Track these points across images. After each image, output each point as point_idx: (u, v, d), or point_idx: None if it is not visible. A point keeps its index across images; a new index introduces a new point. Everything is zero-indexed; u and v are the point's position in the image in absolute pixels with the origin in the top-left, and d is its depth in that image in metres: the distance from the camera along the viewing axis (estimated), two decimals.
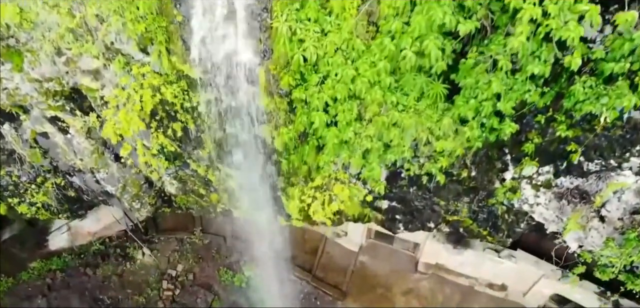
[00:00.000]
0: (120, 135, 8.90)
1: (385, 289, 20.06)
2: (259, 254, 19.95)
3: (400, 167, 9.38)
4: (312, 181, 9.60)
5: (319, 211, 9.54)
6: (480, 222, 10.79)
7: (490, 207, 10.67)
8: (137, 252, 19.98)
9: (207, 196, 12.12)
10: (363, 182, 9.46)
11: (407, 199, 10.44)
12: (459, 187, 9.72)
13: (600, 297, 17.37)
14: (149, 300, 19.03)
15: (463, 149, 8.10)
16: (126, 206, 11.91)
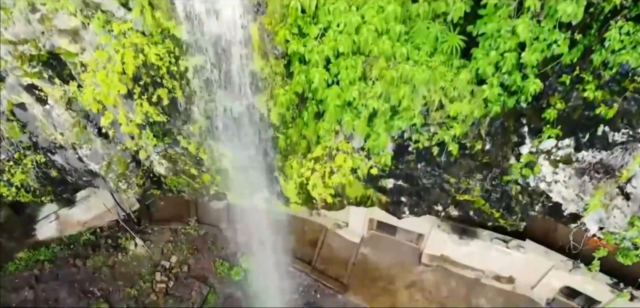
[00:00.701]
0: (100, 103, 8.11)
1: (387, 282, 19.27)
2: (256, 245, 19.17)
3: (407, 140, 8.58)
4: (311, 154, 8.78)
5: (319, 185, 8.73)
6: (493, 202, 9.98)
7: (504, 185, 9.87)
8: (129, 243, 19.16)
9: (199, 177, 11.32)
10: (367, 154, 8.65)
11: (415, 177, 9.64)
12: (471, 162, 8.92)
13: (613, 289, 16.59)
14: (141, 292, 18.22)
15: (481, 110, 7.28)
16: (112, 186, 11.10)
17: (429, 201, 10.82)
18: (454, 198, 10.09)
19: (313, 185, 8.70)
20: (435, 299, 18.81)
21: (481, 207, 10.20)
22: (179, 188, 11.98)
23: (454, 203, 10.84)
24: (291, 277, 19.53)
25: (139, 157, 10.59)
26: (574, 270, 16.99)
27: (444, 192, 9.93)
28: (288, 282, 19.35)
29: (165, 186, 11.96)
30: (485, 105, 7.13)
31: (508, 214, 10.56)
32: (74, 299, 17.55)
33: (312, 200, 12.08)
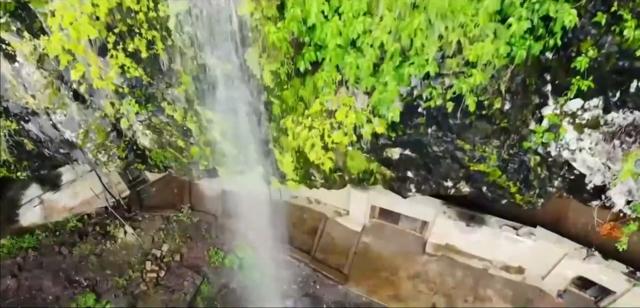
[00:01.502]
0: (70, 53, 7.18)
1: (390, 272, 18.32)
2: (253, 234, 18.25)
3: (417, 98, 7.64)
4: (309, 110, 7.81)
5: (318, 145, 7.78)
6: (511, 173, 9.03)
7: (522, 154, 8.91)
8: (118, 231, 18.21)
9: (187, 150, 10.39)
10: (372, 111, 7.69)
11: (424, 144, 8.68)
12: (488, 125, 7.97)
13: (629, 278, 15.64)
14: (130, 282, 17.26)
15: (502, 60, 6.35)
16: (90, 158, 10.17)
17: (439, 175, 9.87)
18: (467, 169, 9.13)
19: (311, 145, 7.74)
20: (441, 290, 17.86)
21: (497, 180, 9.24)
22: (166, 163, 11.04)
23: (465, 177, 9.88)
24: (289, 266, 18.59)
25: (120, 126, 9.65)
26: (588, 259, 16.04)
27: (456, 163, 8.97)
28: (286, 272, 18.41)
29: (151, 161, 11.01)
30: (510, 49, 6.17)
31: (526, 189, 9.60)
32: (58, 288, 16.60)
33: (311, 177, 11.15)
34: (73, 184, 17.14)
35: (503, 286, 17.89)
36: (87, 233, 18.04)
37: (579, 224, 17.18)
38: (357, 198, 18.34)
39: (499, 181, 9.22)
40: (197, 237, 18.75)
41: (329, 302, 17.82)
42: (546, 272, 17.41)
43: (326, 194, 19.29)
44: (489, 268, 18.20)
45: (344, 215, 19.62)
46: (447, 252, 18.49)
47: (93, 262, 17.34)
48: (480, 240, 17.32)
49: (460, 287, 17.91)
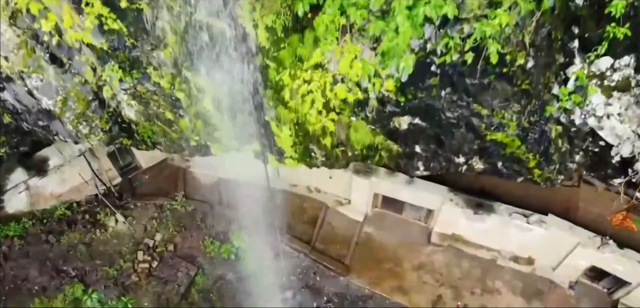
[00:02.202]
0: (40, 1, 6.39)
1: (394, 263, 17.51)
2: (250, 223, 17.44)
3: (430, 54, 6.82)
4: (309, 62, 6.97)
5: (318, 102, 6.96)
6: (530, 144, 8.23)
7: (543, 123, 8.12)
8: (109, 219, 17.38)
9: (176, 123, 9.58)
10: (381, 63, 6.84)
11: (436, 110, 7.87)
12: (508, 87, 7.17)
13: None
14: (121, 272, 16.44)
15: (529, 5, 5.56)
16: (70, 130, 9.35)
17: (450, 149, 9.06)
18: (482, 140, 8.32)
19: (311, 103, 6.92)
20: (447, 282, 17.05)
21: (515, 152, 8.42)
22: (154, 139, 10.22)
23: (479, 151, 9.07)
24: (288, 257, 17.78)
25: (102, 95, 8.83)
26: (603, 247, 15.23)
27: (471, 132, 8.16)
28: (285, 262, 17.59)
29: (138, 136, 10.19)
30: None
31: (545, 163, 8.79)
32: (45, 278, 15.79)
33: (311, 154, 10.33)
34: (61, 170, 16.31)
35: (512, 277, 17.09)
36: (75, 221, 17.21)
37: (590, 214, 16.40)
38: (358, 186, 17.53)
39: (518, 153, 8.41)
40: (192, 226, 17.93)
41: (329, 294, 17.02)
42: (557, 262, 16.62)
43: (327, 183, 18.51)
44: (497, 259, 17.40)
45: (345, 204, 18.82)
46: (453, 242, 17.69)
47: (82, 251, 16.51)
48: (489, 229, 16.52)
49: (467, 278, 17.11)
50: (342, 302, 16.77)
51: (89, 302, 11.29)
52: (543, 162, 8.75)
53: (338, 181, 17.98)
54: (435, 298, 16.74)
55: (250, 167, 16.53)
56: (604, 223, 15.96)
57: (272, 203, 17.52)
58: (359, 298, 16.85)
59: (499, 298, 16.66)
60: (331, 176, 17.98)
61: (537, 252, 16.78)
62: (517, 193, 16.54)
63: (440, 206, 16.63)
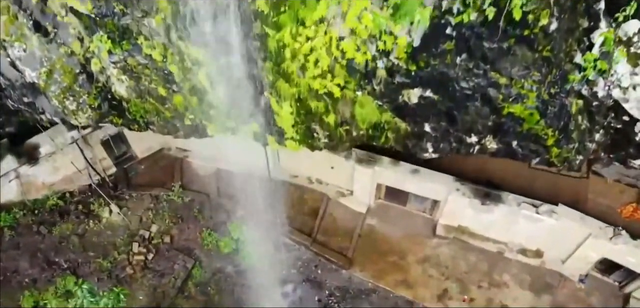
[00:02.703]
0: None
1: (398, 256, 16.94)
2: (249, 215, 16.87)
3: (446, 13, 6.25)
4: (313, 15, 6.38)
5: (323, 61, 6.38)
6: (550, 119, 7.66)
7: (564, 95, 7.55)
8: (103, 210, 16.79)
9: (169, 100, 9.01)
10: (393, 15, 6.22)
11: (450, 80, 7.29)
12: (529, 53, 6.61)
13: None
14: (115, 264, 15.85)
15: None
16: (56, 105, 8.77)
17: (463, 127, 8.49)
18: (498, 115, 7.75)
19: (315, 61, 6.34)
20: (453, 275, 16.49)
21: (533, 128, 7.85)
22: (147, 118, 9.64)
23: (494, 128, 8.49)
24: (288, 249, 17.20)
25: (90, 68, 8.25)
26: (615, 238, 14.67)
27: (487, 105, 7.58)
28: (285, 255, 17.01)
29: (129, 114, 9.61)
30: None
31: (565, 140, 8.23)
32: (36, 270, 15.20)
33: (313, 134, 9.75)
34: (53, 158, 15.71)
35: (520, 270, 16.53)
36: (68, 212, 16.62)
37: (599, 206, 15.89)
38: (361, 177, 16.97)
39: (536, 129, 7.84)
40: (189, 217, 17.34)
41: (331, 287, 16.44)
42: (567, 254, 16.06)
43: (328, 173, 17.95)
44: (505, 252, 16.84)
45: (347, 195, 18.25)
46: (459, 234, 17.14)
47: (74, 243, 15.92)
48: (496, 220, 15.97)
49: (473, 272, 16.54)
50: (344, 296, 16.20)
51: (79, 292, 10.68)
52: (562, 140, 8.18)
53: (340, 172, 17.41)
54: (440, 292, 16.18)
55: (250, 156, 16.02)
56: (614, 215, 15.44)
57: (272, 194, 16.95)
58: (361, 292, 16.28)
59: (506, 291, 16.10)
60: (333, 166, 17.43)
61: (546, 244, 16.23)
62: (525, 186, 16.01)
63: (446, 196, 16.06)
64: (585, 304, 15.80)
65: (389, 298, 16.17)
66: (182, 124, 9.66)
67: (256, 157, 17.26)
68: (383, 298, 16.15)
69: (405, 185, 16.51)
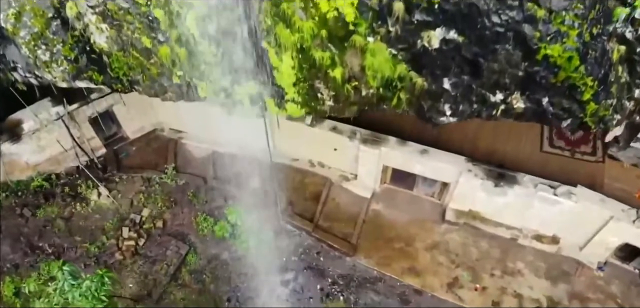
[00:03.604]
0: None
1: (404, 243, 15.95)
2: (247, 199, 15.89)
3: None
4: None
5: None
6: (590, 65, 6.69)
7: (606, 39, 6.56)
8: (91, 192, 15.76)
9: (155, 53, 8.02)
10: None
11: (480, 13, 6.29)
12: None
13: None
14: (103, 250, 14.83)
15: None
16: (27, 54, 7.77)
17: (488, 79, 7.52)
18: (531, 61, 6.76)
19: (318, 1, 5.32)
20: (463, 263, 15.50)
21: (569, 77, 6.87)
22: (131, 76, 8.64)
23: (523, 83, 7.50)
24: (289, 236, 16.21)
25: (65, 13, 7.24)
26: (639, 221, 13.70)
27: (520, 47, 6.59)
28: (285, 241, 16.02)
29: (111, 71, 8.61)
30: None
31: (604, 93, 7.23)
32: (18, 255, 14.18)
33: (317, 94, 8.75)
34: (37, 135, 14.68)
35: (535, 258, 15.55)
36: (54, 194, 15.59)
37: (615, 191, 15.01)
38: (366, 159, 16.00)
39: (573, 78, 6.85)
40: (183, 201, 16.33)
41: (334, 275, 15.45)
42: (585, 240, 15.10)
43: (331, 156, 16.98)
44: (519, 238, 15.87)
45: (351, 179, 17.28)
46: (470, 219, 16.16)
47: (60, 227, 14.89)
48: (510, 204, 15.01)
49: (485, 259, 15.55)
50: (348, 284, 15.20)
51: (60, 275, 9.67)
52: (601, 93, 7.20)
53: (343, 154, 16.44)
54: (451, 280, 15.19)
55: (247, 138, 15.04)
56: (631, 200, 14.51)
57: (271, 178, 15.98)
58: (366, 280, 15.27)
59: (521, 280, 15.12)
60: (336, 148, 16.45)
61: (562, 230, 15.27)
62: (537, 170, 15.10)
63: (456, 178, 15.09)
64: (604, 293, 14.85)
65: (396, 286, 15.17)
66: (170, 83, 8.66)
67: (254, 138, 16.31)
68: (389, 287, 15.15)
69: (413, 166, 15.53)
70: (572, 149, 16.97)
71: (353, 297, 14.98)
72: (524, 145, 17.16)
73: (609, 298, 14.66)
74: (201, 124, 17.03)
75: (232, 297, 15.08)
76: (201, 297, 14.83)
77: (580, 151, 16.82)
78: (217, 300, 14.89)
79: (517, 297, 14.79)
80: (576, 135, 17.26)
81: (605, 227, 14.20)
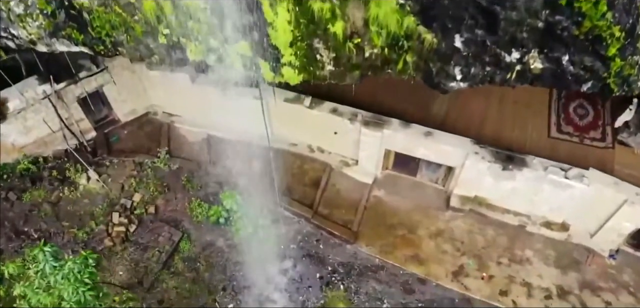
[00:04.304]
0: None
1: (407, 230, 15.29)
2: (243, 184, 15.19)
3: None
4: None
5: None
6: (618, 13, 6.04)
7: None
8: (80, 176, 15.07)
9: (139, 8, 7.34)
10: None
11: None
12: None
13: None
14: (92, 236, 14.16)
15: None
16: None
17: (505, 33, 6.86)
18: (552, 8, 6.09)
19: None
20: (469, 251, 14.84)
21: (595, 26, 6.22)
22: (114, 37, 7.96)
23: (541, 39, 6.84)
24: (287, 223, 15.54)
25: None
26: None
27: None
28: (283, 228, 15.34)
29: (92, 30, 7.93)
30: None
31: (631, 47, 6.57)
32: (2, 240, 13.48)
33: (316, 56, 8.09)
34: (23, 115, 14.00)
35: (544, 246, 14.89)
36: (41, 178, 14.90)
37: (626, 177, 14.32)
38: (368, 142, 15.34)
39: (599, 27, 6.20)
40: (177, 186, 15.65)
41: (334, 263, 14.79)
42: (597, 226, 14.46)
43: (330, 141, 16.33)
44: (527, 225, 15.21)
45: (352, 165, 16.61)
46: (475, 206, 15.51)
47: (47, 211, 14.19)
48: (518, 189, 14.37)
49: (492, 247, 14.89)
50: (348, 272, 14.54)
51: (41, 256, 8.98)
52: (627, 46, 6.54)
53: (344, 138, 15.78)
54: (456, 268, 14.53)
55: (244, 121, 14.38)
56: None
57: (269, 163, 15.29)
58: (368, 268, 14.61)
59: (529, 268, 14.46)
60: (336, 131, 15.79)
61: (573, 216, 14.63)
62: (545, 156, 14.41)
63: (462, 162, 14.43)
64: (616, 282, 14.21)
65: (399, 275, 14.51)
66: (156, 43, 7.99)
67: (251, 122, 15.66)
68: (392, 275, 14.49)
69: (417, 149, 14.87)
70: (580, 134, 16.40)
71: (354, 285, 14.32)
72: (531, 131, 16.53)
73: (621, 287, 14.03)
74: (196, 107, 16.37)
75: (228, 286, 14.41)
76: (195, 285, 14.16)
77: (590, 137, 16.25)
78: (211, 289, 14.22)
79: (525, 286, 14.14)
80: (585, 120, 16.72)
81: (618, 212, 13.57)
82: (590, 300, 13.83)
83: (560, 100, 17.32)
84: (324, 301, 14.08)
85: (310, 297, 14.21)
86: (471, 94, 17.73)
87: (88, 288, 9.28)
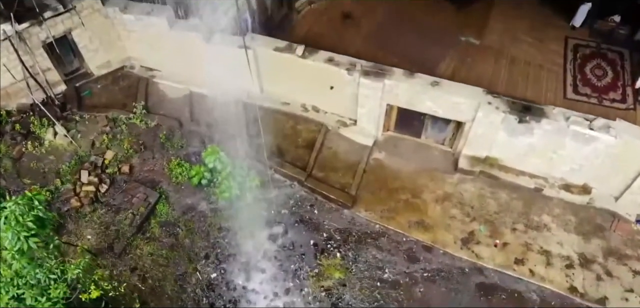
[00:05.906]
0: None
1: (411, 194, 13.78)
2: (229, 143, 13.64)
3: None
4: None
5: None
6: None
7: None
8: (46, 131, 13.47)
9: None
10: None
11: None
12: None
13: None
14: (57, 195, 12.55)
15: None
16: None
17: None
18: None
19: None
20: (480, 216, 13.35)
21: None
22: None
23: None
24: (278, 185, 13.99)
25: None
26: None
27: None
28: (274, 192, 13.78)
29: None
30: None
31: None
32: None
33: None
34: None
35: (563, 211, 13.41)
36: (2, 132, 13.29)
37: None
38: (367, 97, 13.85)
39: None
40: (155, 145, 14.06)
41: (330, 229, 13.25)
42: (623, 188, 13.03)
43: (326, 99, 14.84)
44: (544, 189, 13.73)
45: (350, 125, 15.10)
46: (487, 167, 14.03)
47: (7, 167, 12.58)
48: (535, 146, 12.89)
49: (505, 212, 13.39)
50: (346, 239, 13.00)
51: None
52: None
53: (341, 93, 14.26)
54: (466, 235, 13.01)
55: (230, 76, 12.84)
56: None
57: (257, 123, 13.73)
58: (367, 234, 13.06)
59: (548, 235, 12.95)
60: (332, 86, 14.24)
61: (595, 177, 13.17)
62: None
63: (473, 115, 12.91)
64: None
65: (402, 242, 12.97)
66: None
67: (237, 76, 14.14)
68: (394, 243, 12.94)
69: (423, 103, 13.35)
70: (599, 95, 15.18)
71: (352, 253, 12.77)
72: (545, 92, 15.22)
73: None
74: (176, 59, 14.82)
75: (211, 253, 12.84)
76: (173, 252, 12.58)
77: (609, 98, 15.05)
78: (192, 257, 12.65)
79: (544, 254, 12.61)
80: (603, 81, 15.60)
81: None
82: (616, 269, 12.32)
83: (576, 61, 16.16)
84: (319, 270, 12.54)
85: (303, 265, 12.66)
86: (480, 53, 16.39)
87: (32, 234, 7.69)
